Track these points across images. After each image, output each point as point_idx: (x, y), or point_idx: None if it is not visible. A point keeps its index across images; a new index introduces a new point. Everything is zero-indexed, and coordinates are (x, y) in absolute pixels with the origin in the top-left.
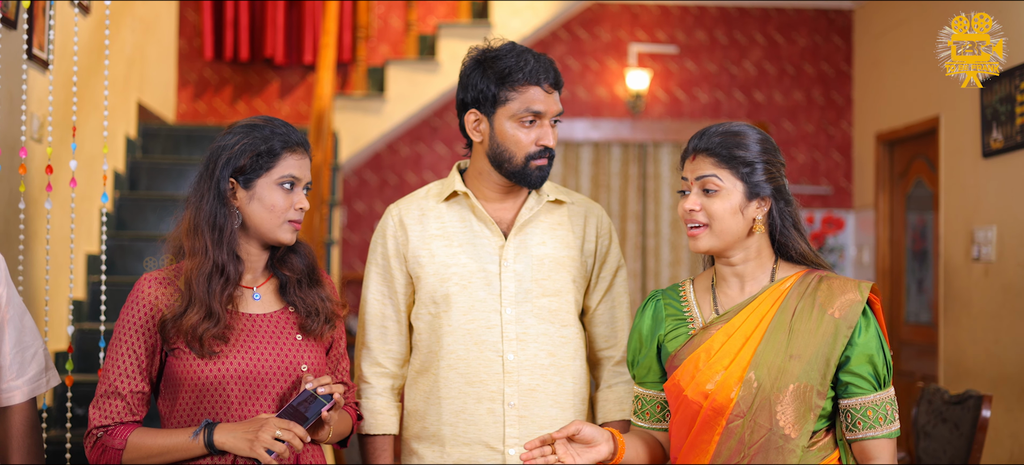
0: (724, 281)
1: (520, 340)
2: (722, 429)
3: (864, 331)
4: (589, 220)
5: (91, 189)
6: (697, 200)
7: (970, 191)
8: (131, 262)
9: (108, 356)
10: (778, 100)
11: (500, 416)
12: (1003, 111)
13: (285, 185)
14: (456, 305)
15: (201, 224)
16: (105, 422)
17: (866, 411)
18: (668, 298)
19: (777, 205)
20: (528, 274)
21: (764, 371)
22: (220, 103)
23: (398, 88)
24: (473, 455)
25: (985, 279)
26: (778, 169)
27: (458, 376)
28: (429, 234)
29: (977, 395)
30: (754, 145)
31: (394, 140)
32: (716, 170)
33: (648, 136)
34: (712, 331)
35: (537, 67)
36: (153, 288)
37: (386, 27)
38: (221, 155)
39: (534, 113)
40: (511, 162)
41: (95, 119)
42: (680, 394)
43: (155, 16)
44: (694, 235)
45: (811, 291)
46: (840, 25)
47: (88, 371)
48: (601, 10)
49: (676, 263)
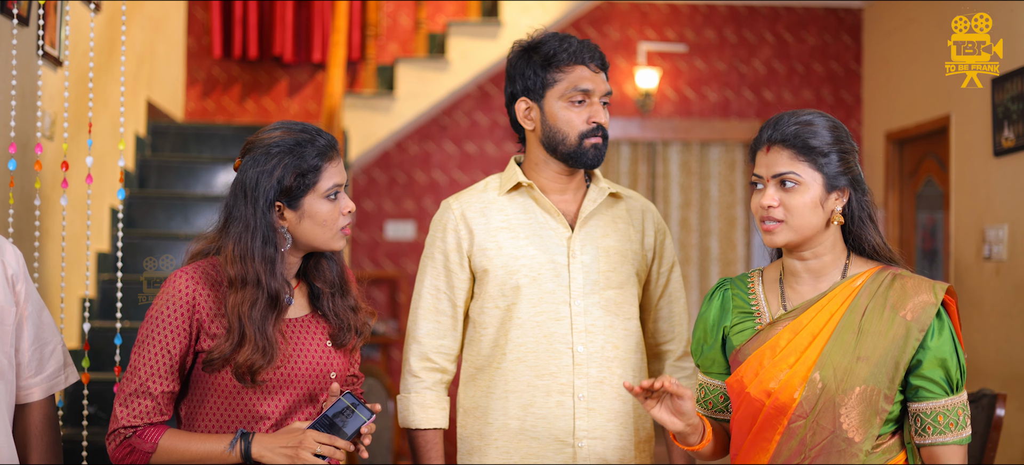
0: (793, 275)
1: (588, 332)
2: (783, 429)
3: (937, 334)
4: (647, 215)
5: (102, 187)
6: (775, 195)
7: (981, 190)
8: (140, 260)
9: (137, 353)
10: (788, 99)
11: (570, 409)
12: (1015, 109)
13: (331, 196)
14: (525, 297)
15: (250, 254)
16: (134, 422)
17: (937, 416)
18: (736, 288)
19: (855, 195)
20: (595, 266)
21: (830, 372)
22: (229, 101)
23: (408, 86)
24: (542, 450)
25: (996, 278)
26: (853, 158)
27: (527, 369)
28: (494, 227)
29: (991, 394)
30: (828, 134)
31: (403, 138)
32: (793, 164)
33: (657, 135)
34: (778, 328)
35: (581, 47)
36: (191, 286)
37: (395, 25)
38: (260, 181)
39: (582, 92)
40: (565, 143)
41: (106, 117)
42: (742, 391)
43: (164, 14)
44: (770, 230)
45: (883, 290)
46: (850, 24)
47: (99, 369)
48: (610, 8)
49: (685, 262)
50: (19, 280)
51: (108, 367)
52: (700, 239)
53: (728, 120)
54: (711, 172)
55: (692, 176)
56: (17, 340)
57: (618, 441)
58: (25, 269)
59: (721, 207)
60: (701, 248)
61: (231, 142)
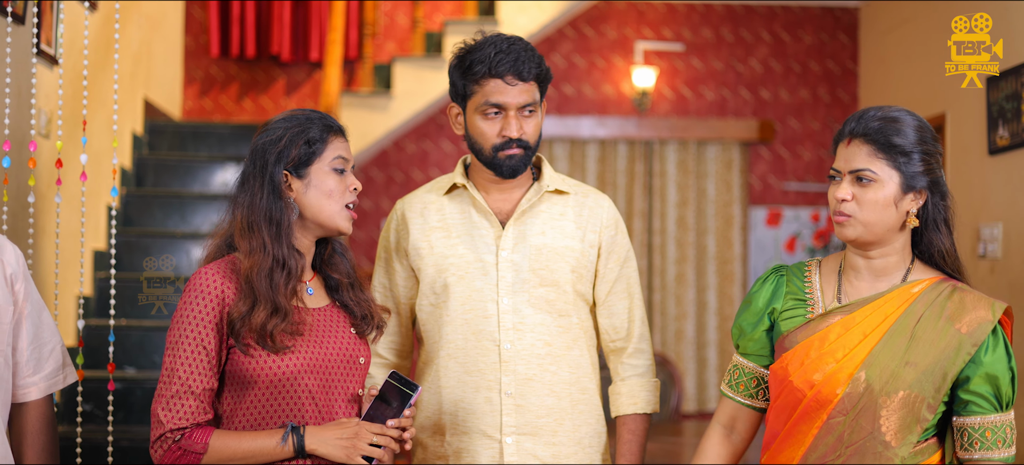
0: (854, 270)
1: (516, 329)
2: (822, 423)
3: (991, 350)
4: (594, 211)
5: (99, 186)
6: (849, 189)
7: (976, 188)
8: (138, 259)
9: (171, 355)
10: (784, 98)
11: (497, 405)
12: (1009, 108)
13: (338, 169)
14: (454, 295)
15: (256, 221)
16: (181, 424)
17: (985, 432)
18: (792, 275)
19: (933, 198)
20: (525, 264)
21: (876, 372)
22: (226, 100)
23: (405, 85)
24: (471, 443)
25: (991, 276)
26: (936, 160)
27: (457, 366)
28: (429, 226)
29: None
30: (912, 133)
31: (400, 137)
32: (871, 160)
33: (654, 133)
34: (830, 320)
35: (497, 59)
36: (218, 280)
37: (393, 24)
38: (268, 150)
39: (494, 105)
40: (482, 153)
41: (102, 115)
42: (785, 379)
43: (161, 13)
44: (841, 222)
45: (942, 300)
46: (846, 23)
47: (94, 367)
48: (607, 8)
49: (682, 260)
50: (18, 279)
51: (103, 365)
52: (697, 238)
53: (725, 119)
54: (708, 171)
55: (689, 175)
56: (15, 339)
57: (552, 437)
58: (25, 268)
59: (718, 206)
60: (698, 246)
61: (228, 141)
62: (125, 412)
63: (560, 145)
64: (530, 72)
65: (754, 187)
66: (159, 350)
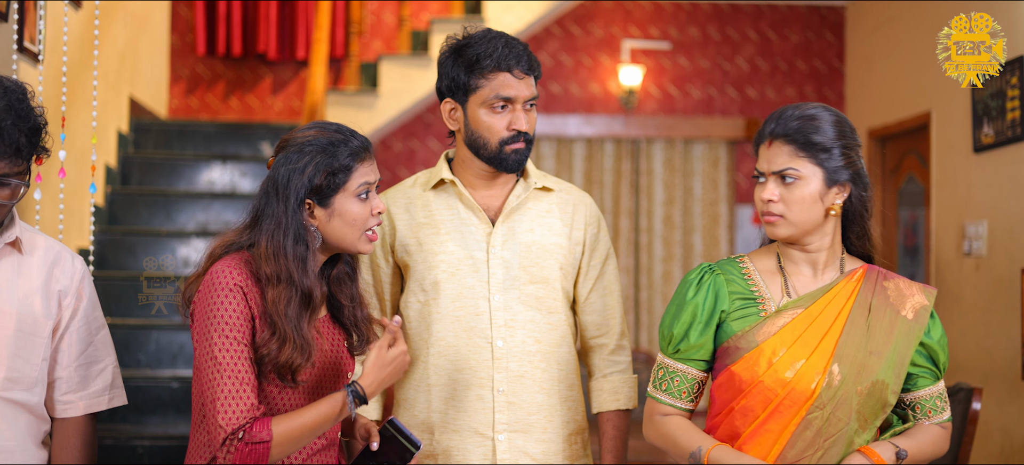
0: (795, 264)
1: (508, 327)
2: (801, 419)
3: (933, 330)
4: (578, 208)
5: (83, 184)
6: (775, 190)
7: (961, 186)
8: (123, 257)
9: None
10: (771, 96)
11: (490, 403)
12: (994, 106)
13: (362, 195)
14: (445, 292)
15: (282, 251)
16: (243, 421)
17: (935, 400)
18: (729, 274)
19: (856, 190)
20: (516, 261)
21: (847, 364)
22: (213, 98)
23: (391, 83)
24: (463, 442)
25: (976, 273)
26: (856, 153)
27: (448, 363)
28: (416, 222)
29: (967, 388)
30: (831, 129)
31: (387, 135)
32: (793, 160)
33: (641, 132)
34: (789, 316)
35: (505, 53)
36: (238, 276)
37: (379, 22)
38: (292, 177)
39: (504, 99)
40: (486, 148)
41: (87, 113)
42: (753, 380)
43: (147, 11)
44: (771, 222)
45: (881, 289)
46: (832, 21)
47: None
48: (594, 6)
49: (669, 259)
50: (68, 294)
51: None
52: (684, 236)
53: (712, 117)
54: (695, 169)
55: (676, 173)
56: (56, 352)
57: (542, 434)
58: (82, 286)
59: (705, 204)
60: (685, 245)
61: (215, 139)
62: (109, 410)
63: (547, 143)
64: (533, 66)
65: (740, 186)
66: (144, 348)
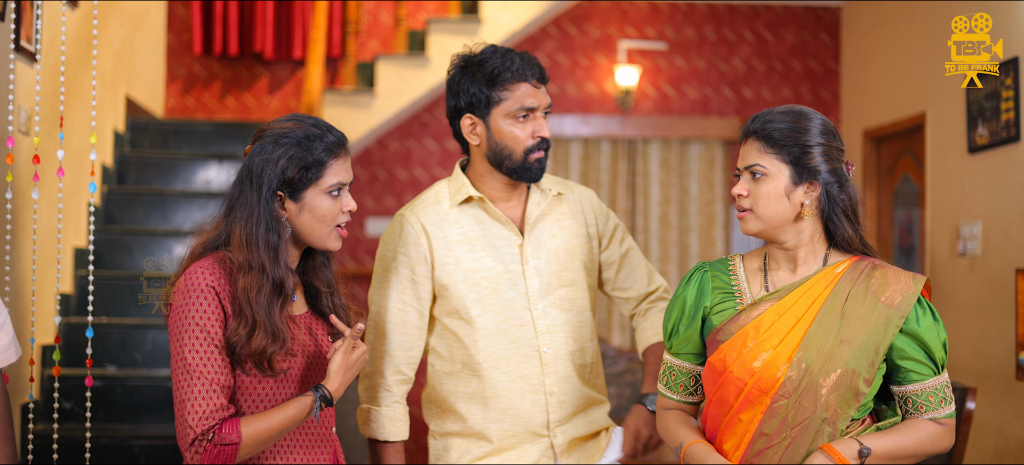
0: (776, 262)
1: (551, 332)
2: (766, 408)
3: (921, 318)
4: (584, 204)
5: (79, 183)
6: (745, 185)
7: (956, 187)
8: (120, 256)
9: (182, 358)
10: (766, 97)
11: (544, 405)
12: (988, 107)
13: (333, 192)
14: (489, 308)
15: (255, 240)
16: (212, 423)
17: (927, 396)
18: (715, 271)
19: (828, 190)
20: (547, 268)
21: (813, 353)
22: (209, 98)
23: (387, 83)
24: (520, 443)
25: (970, 274)
26: (833, 153)
27: (502, 375)
28: (451, 240)
29: (962, 388)
30: (806, 128)
31: (384, 135)
32: (760, 156)
33: (637, 132)
34: (761, 308)
35: (524, 65)
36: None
37: (376, 22)
38: (265, 168)
39: (527, 108)
40: (511, 159)
41: (83, 113)
42: (725, 370)
43: (144, 11)
44: (742, 217)
45: (865, 277)
46: (828, 22)
47: (75, 365)
48: (591, 7)
49: (665, 258)
50: None
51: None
52: (680, 236)
53: (708, 118)
54: (691, 169)
55: (672, 173)
56: None
57: (585, 427)
58: None
59: (701, 204)
60: (681, 245)
61: (211, 139)
62: (106, 410)
63: None
64: (545, 76)
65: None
66: (140, 348)
